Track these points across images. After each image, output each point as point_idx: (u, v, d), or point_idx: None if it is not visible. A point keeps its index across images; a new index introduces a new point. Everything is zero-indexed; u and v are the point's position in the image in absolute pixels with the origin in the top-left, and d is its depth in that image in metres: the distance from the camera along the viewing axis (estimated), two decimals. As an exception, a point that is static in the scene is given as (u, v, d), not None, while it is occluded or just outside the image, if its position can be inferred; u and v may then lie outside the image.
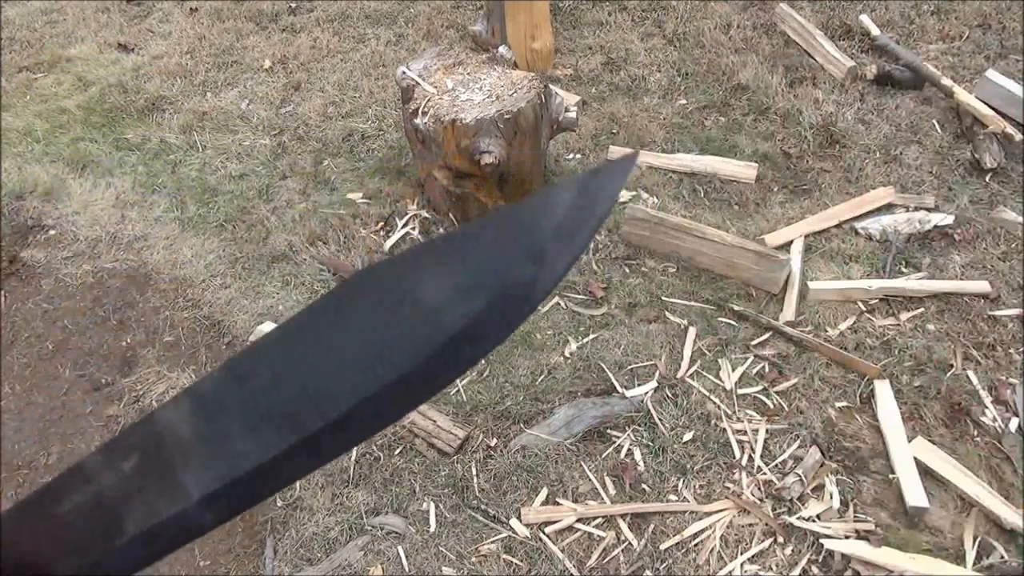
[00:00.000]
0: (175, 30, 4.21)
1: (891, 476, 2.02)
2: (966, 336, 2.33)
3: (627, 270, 2.63)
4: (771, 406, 2.20)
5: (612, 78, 3.55)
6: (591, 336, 2.42)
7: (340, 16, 4.17)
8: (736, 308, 2.46)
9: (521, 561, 1.93)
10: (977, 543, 1.87)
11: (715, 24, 3.76)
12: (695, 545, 1.93)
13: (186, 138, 3.44)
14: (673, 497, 2.02)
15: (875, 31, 3.54)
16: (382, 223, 2.90)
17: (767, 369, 2.30)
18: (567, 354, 2.38)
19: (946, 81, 3.13)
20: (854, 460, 2.07)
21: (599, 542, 1.95)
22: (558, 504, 2.03)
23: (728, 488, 2.03)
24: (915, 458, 2.02)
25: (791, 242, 2.66)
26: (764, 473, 2.05)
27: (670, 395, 2.24)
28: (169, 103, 3.68)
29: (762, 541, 1.92)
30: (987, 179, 2.85)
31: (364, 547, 1.98)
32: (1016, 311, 2.39)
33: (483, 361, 2.39)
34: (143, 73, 3.90)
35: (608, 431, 2.16)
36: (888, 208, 2.78)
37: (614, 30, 3.84)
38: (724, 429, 2.15)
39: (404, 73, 2.63)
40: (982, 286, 2.45)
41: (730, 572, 1.88)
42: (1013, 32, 3.54)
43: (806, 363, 2.30)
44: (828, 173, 2.96)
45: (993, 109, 2.97)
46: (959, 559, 1.85)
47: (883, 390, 2.19)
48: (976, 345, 2.31)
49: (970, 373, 2.24)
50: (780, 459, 2.08)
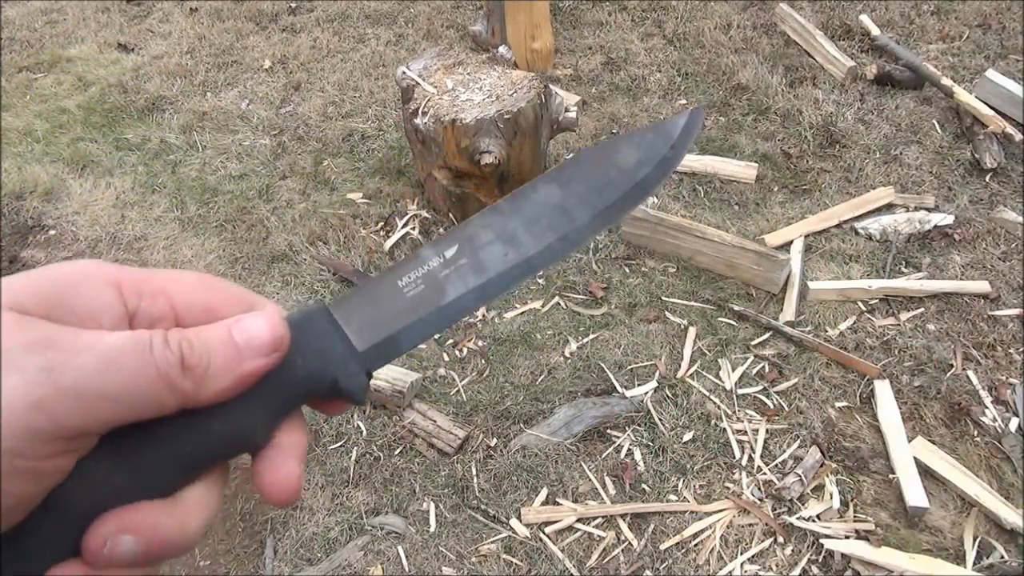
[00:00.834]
0: (175, 30, 4.21)
1: (891, 476, 2.02)
2: (966, 336, 2.33)
3: (627, 270, 2.63)
4: (771, 406, 2.20)
5: (612, 78, 3.55)
6: (591, 336, 2.42)
7: (340, 16, 4.17)
8: (736, 308, 2.46)
9: (521, 561, 1.93)
10: (977, 543, 1.87)
11: (715, 24, 3.76)
12: (695, 545, 1.93)
13: (186, 138, 3.44)
14: (673, 497, 2.02)
15: (875, 31, 3.54)
16: (382, 223, 2.90)
17: (767, 369, 2.30)
18: (567, 354, 2.38)
19: (946, 81, 3.13)
20: (854, 460, 2.07)
21: (599, 542, 1.95)
22: (558, 504, 2.03)
23: (728, 488, 2.03)
24: (915, 458, 2.02)
25: (791, 242, 2.66)
26: (764, 473, 2.05)
27: (670, 395, 2.24)
28: (169, 103, 3.69)
29: (762, 541, 1.92)
30: (987, 179, 2.85)
31: (364, 547, 1.98)
32: (1016, 311, 2.39)
33: (483, 361, 2.39)
34: (143, 73, 3.90)
35: (608, 431, 2.16)
36: (888, 208, 2.78)
37: (614, 30, 3.84)
38: (724, 429, 2.15)
39: (404, 73, 2.63)
40: (982, 286, 2.45)
41: (730, 572, 1.88)
42: (1013, 32, 3.54)
43: (806, 363, 2.30)
44: (828, 173, 2.96)
45: (993, 109, 2.97)
46: (959, 559, 1.85)
47: (883, 390, 2.20)
48: (976, 345, 2.31)
49: (970, 373, 2.24)
50: (780, 459, 2.08)
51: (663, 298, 2.52)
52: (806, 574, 1.86)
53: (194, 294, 0.36)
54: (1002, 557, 1.85)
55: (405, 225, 2.88)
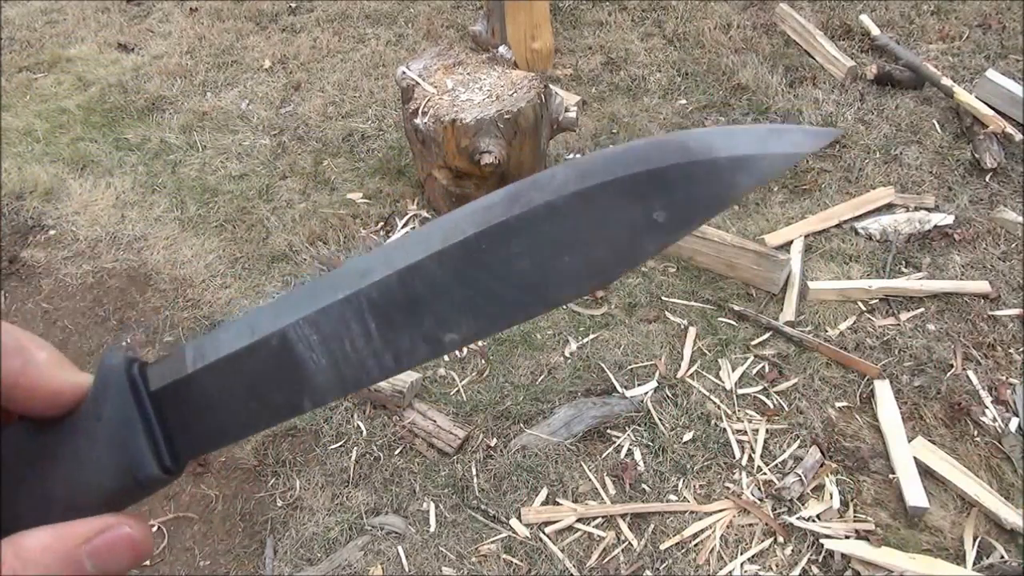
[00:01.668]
0: (175, 30, 4.21)
1: (891, 476, 2.02)
2: (966, 336, 2.33)
3: (627, 270, 2.63)
4: (771, 406, 2.20)
5: (612, 78, 3.55)
6: (591, 336, 2.42)
7: (340, 16, 4.17)
8: (736, 308, 2.46)
9: (521, 561, 1.93)
10: (977, 543, 1.87)
11: (715, 24, 3.76)
12: (695, 545, 1.93)
13: (186, 138, 3.44)
14: (673, 497, 2.02)
15: (875, 31, 3.54)
16: (382, 223, 2.90)
17: (767, 369, 2.30)
18: (567, 354, 2.38)
19: (946, 81, 3.13)
20: (854, 460, 2.07)
21: (599, 542, 1.95)
22: (558, 504, 2.03)
23: (728, 488, 2.03)
24: (915, 458, 2.02)
25: (791, 242, 2.66)
26: (764, 473, 2.05)
27: (670, 395, 2.24)
28: (169, 103, 3.68)
29: (762, 541, 1.92)
30: (987, 179, 2.85)
31: (364, 547, 1.98)
32: (1016, 311, 2.39)
33: (483, 361, 2.39)
34: (143, 73, 3.90)
35: (608, 431, 2.16)
36: (888, 208, 2.78)
37: (614, 30, 3.84)
38: (724, 429, 2.15)
39: (404, 73, 2.63)
40: (982, 286, 2.45)
41: (730, 572, 1.88)
42: (1013, 32, 3.53)
43: (806, 363, 2.30)
44: (828, 173, 2.96)
45: (993, 109, 2.97)
46: (959, 559, 1.85)
47: (883, 390, 2.19)
48: (976, 345, 2.31)
49: (970, 373, 2.24)
50: (780, 459, 2.08)
51: (663, 298, 2.52)
52: (806, 574, 1.86)
53: None
54: (1002, 557, 1.85)
55: (405, 225, 2.88)
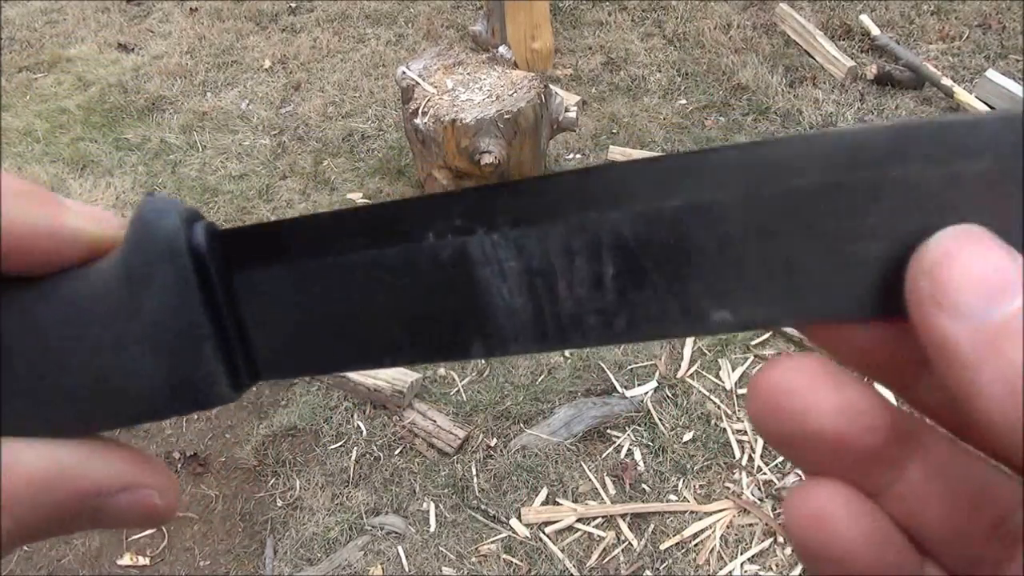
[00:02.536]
0: (175, 30, 4.21)
1: (891, 476, 2.01)
2: (966, 336, 2.33)
3: (627, 270, 2.63)
4: (771, 406, 2.20)
5: (612, 78, 3.55)
6: (591, 336, 2.42)
7: (340, 16, 4.17)
8: (736, 308, 2.46)
9: (521, 561, 1.93)
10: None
11: (715, 24, 3.76)
12: (695, 545, 1.93)
13: (186, 138, 3.45)
14: (673, 497, 2.02)
15: (875, 31, 3.54)
16: (382, 223, 2.90)
17: (767, 369, 2.29)
18: (567, 354, 2.38)
19: (946, 81, 3.13)
20: (854, 460, 2.06)
21: (599, 542, 1.95)
22: (558, 504, 2.03)
23: (728, 488, 2.03)
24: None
25: (791, 242, 2.66)
26: (764, 473, 2.05)
27: (670, 395, 2.24)
28: (169, 103, 3.69)
29: (762, 541, 1.92)
30: (987, 179, 2.85)
31: (364, 547, 1.98)
32: (1016, 311, 2.39)
33: (483, 361, 2.39)
34: (143, 73, 3.90)
35: (608, 431, 2.16)
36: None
37: (614, 30, 3.84)
38: (724, 429, 2.15)
39: (404, 73, 2.63)
40: None
41: (730, 572, 1.88)
42: (1013, 32, 3.54)
43: (806, 363, 2.30)
44: (828, 173, 2.96)
45: (993, 109, 2.97)
46: (959, 559, 1.85)
47: (883, 389, 2.19)
48: (976, 345, 2.31)
49: (970, 373, 2.24)
50: (780, 459, 2.08)
51: (663, 298, 2.52)
52: (806, 574, 1.86)
53: None
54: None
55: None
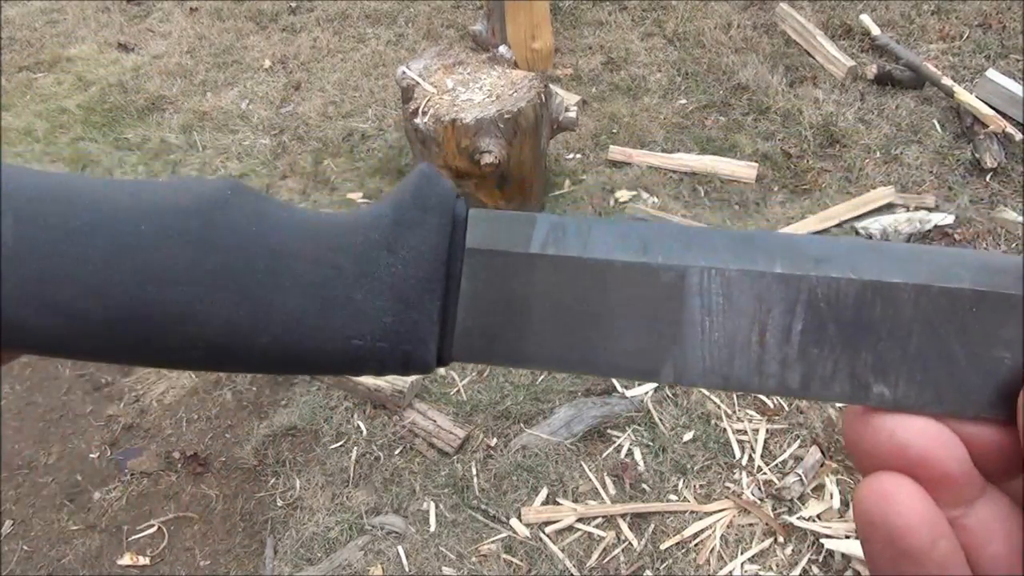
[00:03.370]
0: (175, 30, 4.21)
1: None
2: (966, 336, 2.33)
3: (627, 270, 2.63)
4: (771, 406, 2.20)
5: (612, 78, 3.55)
6: (591, 336, 2.42)
7: (340, 16, 4.17)
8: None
9: (521, 561, 1.93)
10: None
11: (715, 24, 3.75)
12: (695, 545, 1.93)
13: (186, 138, 3.44)
14: (673, 497, 2.02)
15: (875, 31, 3.54)
16: (382, 223, 2.90)
17: (767, 369, 2.29)
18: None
19: (946, 81, 3.13)
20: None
21: (599, 542, 1.95)
22: (558, 504, 2.03)
23: (728, 488, 2.03)
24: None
25: (791, 242, 2.66)
26: (764, 473, 2.05)
27: (670, 395, 2.24)
28: (169, 103, 3.68)
29: (762, 541, 1.92)
30: (987, 179, 2.84)
31: (364, 547, 1.98)
32: (1016, 311, 2.39)
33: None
34: (143, 73, 3.90)
35: (608, 431, 2.16)
36: (888, 208, 2.78)
37: (614, 30, 3.84)
38: (724, 429, 2.15)
39: (404, 73, 2.63)
40: None
41: (730, 572, 1.87)
42: (1013, 32, 3.53)
43: (806, 363, 2.30)
44: (828, 173, 2.96)
45: (993, 109, 2.97)
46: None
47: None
48: (976, 345, 2.30)
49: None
50: (780, 459, 2.08)
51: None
52: (806, 574, 1.86)
53: None
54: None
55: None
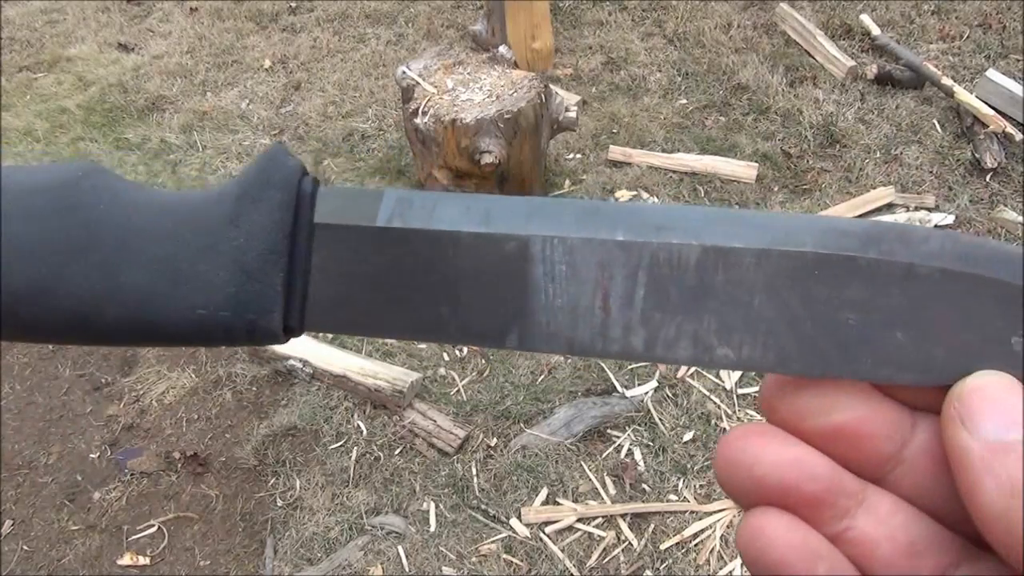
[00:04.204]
0: (175, 30, 4.21)
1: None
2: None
3: (627, 270, 2.63)
4: (771, 406, 2.20)
5: (612, 78, 3.55)
6: (591, 336, 2.42)
7: (340, 16, 4.17)
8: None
9: (521, 561, 1.93)
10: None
11: (715, 24, 3.75)
12: (695, 545, 1.93)
13: (186, 138, 3.44)
14: (673, 497, 2.02)
15: (875, 31, 3.54)
16: (382, 223, 2.90)
17: (767, 369, 2.29)
18: (567, 354, 2.38)
19: (946, 81, 3.13)
20: (854, 460, 2.06)
21: (599, 542, 1.95)
22: (558, 504, 2.03)
23: (728, 488, 2.03)
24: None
25: (791, 242, 2.66)
26: (764, 473, 2.05)
27: (670, 395, 2.24)
28: (169, 103, 3.68)
29: (762, 541, 1.92)
30: (987, 179, 2.85)
31: (364, 547, 1.98)
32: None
33: (483, 360, 2.39)
34: (143, 73, 3.90)
35: (608, 431, 2.16)
36: (888, 208, 2.78)
37: (614, 30, 3.84)
38: (724, 429, 2.15)
39: (404, 73, 2.63)
40: None
41: (730, 572, 1.87)
42: (1013, 32, 3.53)
43: (806, 363, 2.30)
44: (828, 173, 2.96)
45: (993, 109, 2.97)
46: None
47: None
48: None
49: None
50: (780, 459, 2.07)
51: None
52: None
53: None
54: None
55: (405, 225, 2.88)
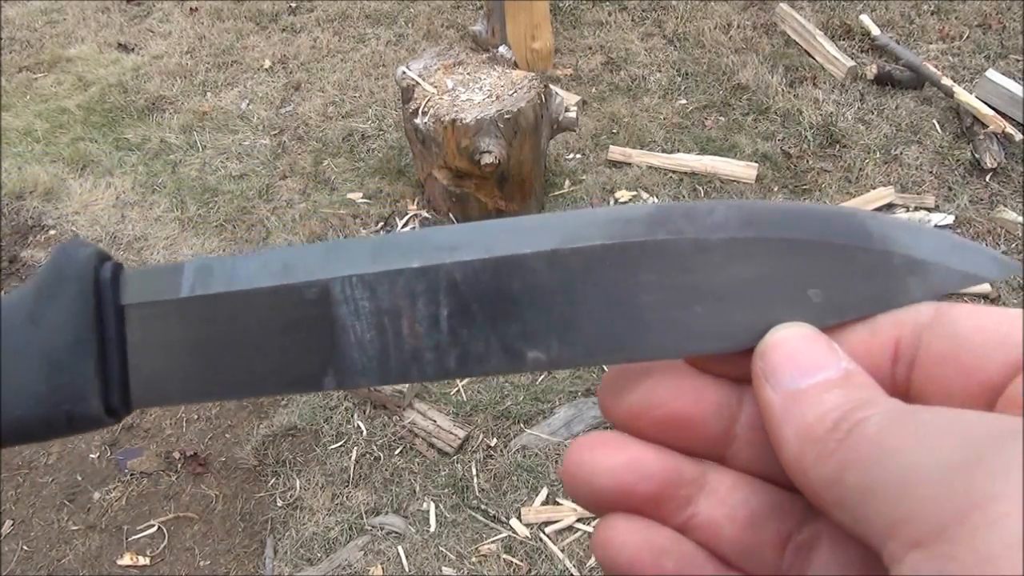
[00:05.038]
0: (175, 30, 4.21)
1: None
2: (966, 336, 2.33)
3: (627, 270, 2.63)
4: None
5: (612, 78, 3.55)
6: (591, 336, 2.42)
7: (340, 16, 4.17)
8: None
9: (521, 561, 1.93)
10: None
11: (715, 24, 3.76)
12: (695, 545, 1.93)
13: (186, 138, 3.44)
14: (673, 497, 2.02)
15: (875, 31, 3.54)
16: (382, 223, 2.90)
17: (767, 369, 2.29)
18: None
19: (946, 81, 3.13)
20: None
21: (599, 542, 1.95)
22: (558, 504, 2.03)
23: (728, 488, 2.03)
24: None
25: (791, 242, 2.66)
26: (764, 473, 2.05)
27: (670, 395, 2.24)
28: (169, 103, 3.68)
29: (762, 541, 1.92)
30: (987, 179, 2.85)
31: (364, 547, 1.98)
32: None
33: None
34: (143, 73, 3.90)
35: (608, 431, 2.16)
36: (888, 208, 2.78)
37: (614, 30, 3.84)
38: (724, 429, 2.15)
39: (404, 73, 2.63)
40: (983, 287, 2.45)
41: (730, 572, 1.87)
42: (1013, 32, 3.53)
43: (806, 363, 2.30)
44: (828, 173, 2.96)
45: (993, 109, 2.97)
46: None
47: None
48: (976, 345, 2.30)
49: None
50: (780, 459, 2.07)
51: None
52: None
53: None
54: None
55: (405, 225, 2.88)
